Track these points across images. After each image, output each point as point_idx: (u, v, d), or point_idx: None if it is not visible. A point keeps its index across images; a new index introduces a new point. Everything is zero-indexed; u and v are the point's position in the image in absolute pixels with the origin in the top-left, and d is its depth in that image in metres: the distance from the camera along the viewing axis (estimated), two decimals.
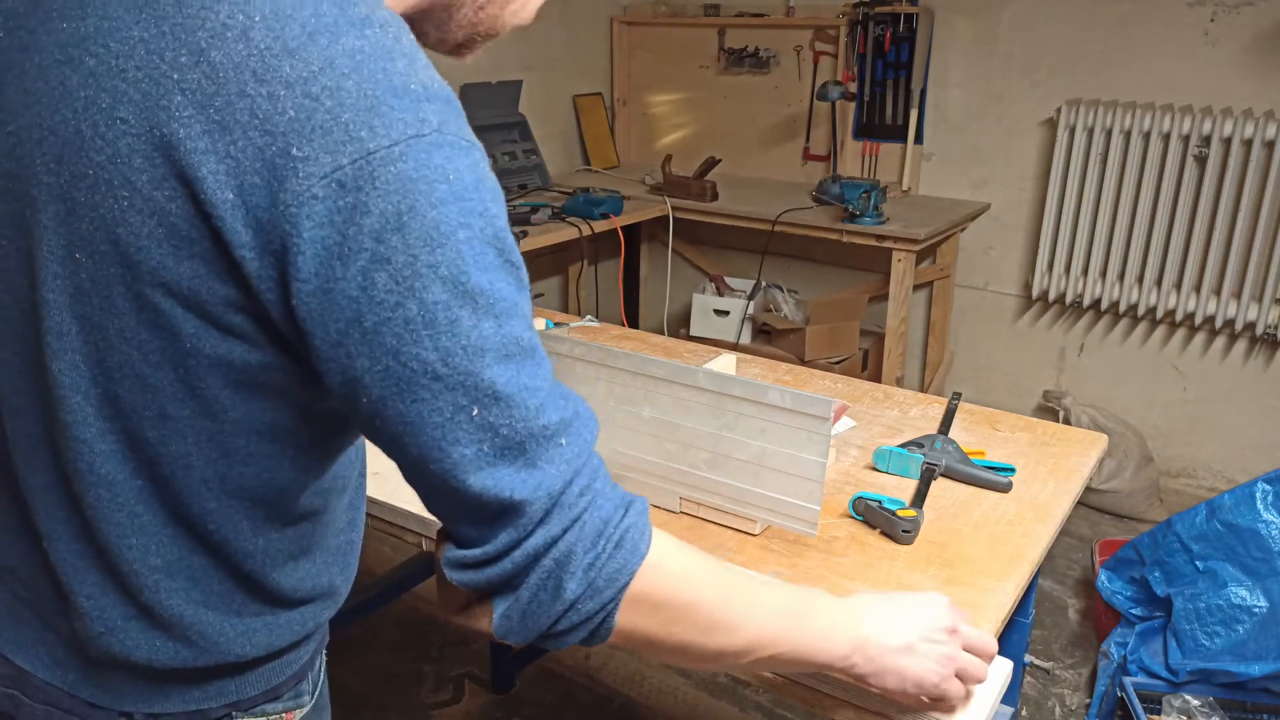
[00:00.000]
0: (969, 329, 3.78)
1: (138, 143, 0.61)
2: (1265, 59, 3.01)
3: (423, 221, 0.60)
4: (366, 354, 0.61)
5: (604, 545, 0.69)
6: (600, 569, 0.69)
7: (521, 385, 0.65)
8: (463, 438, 0.64)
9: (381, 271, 0.60)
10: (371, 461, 1.38)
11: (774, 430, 1.15)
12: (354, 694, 2.35)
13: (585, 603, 0.69)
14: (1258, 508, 2.15)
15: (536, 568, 0.68)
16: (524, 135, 3.79)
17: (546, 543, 0.67)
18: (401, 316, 0.60)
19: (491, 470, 0.65)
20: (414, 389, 0.62)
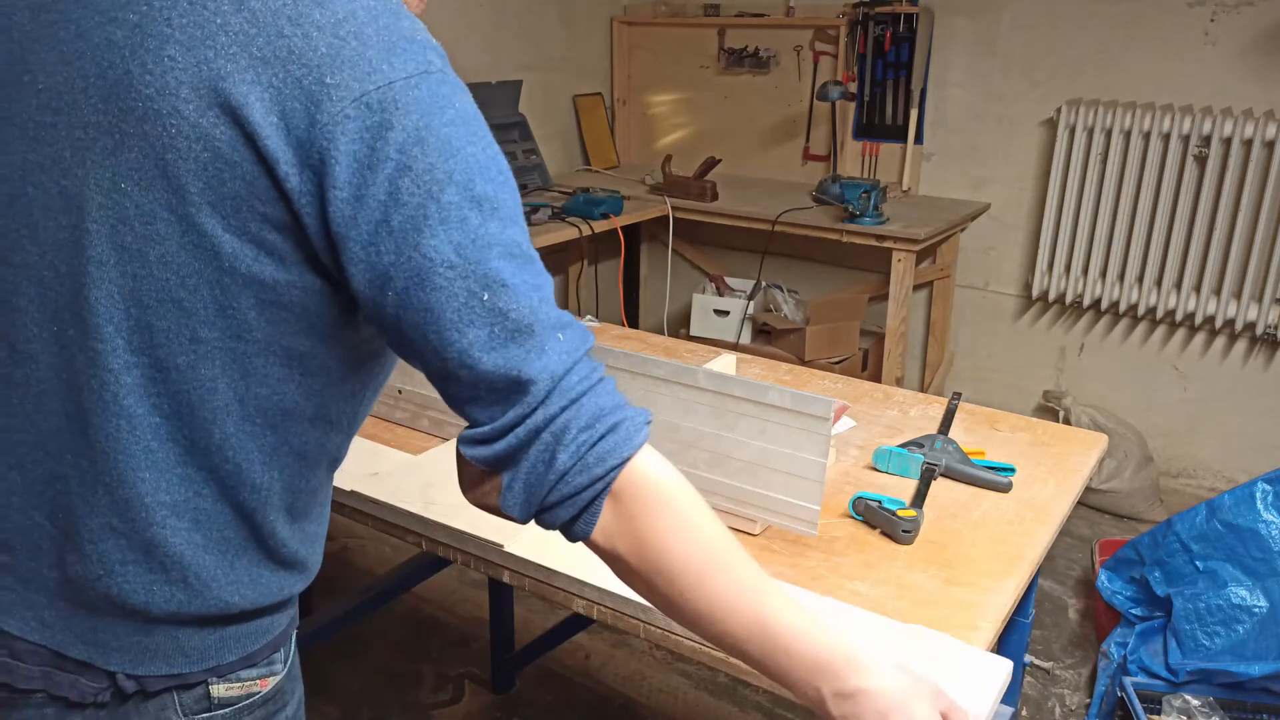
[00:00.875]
0: (969, 329, 3.78)
1: (185, 75, 0.70)
2: (1265, 59, 3.01)
3: (438, 137, 0.71)
4: (393, 249, 0.70)
5: (599, 428, 0.74)
6: (592, 446, 0.74)
7: (524, 280, 0.73)
8: (476, 320, 0.72)
9: (405, 178, 0.69)
10: (372, 462, 1.38)
11: (774, 430, 1.15)
12: (354, 694, 2.35)
13: (575, 476, 0.74)
14: (1258, 508, 2.15)
15: (536, 441, 0.74)
16: (524, 135, 3.79)
17: (546, 419, 0.73)
18: (422, 214, 0.70)
19: (502, 351, 0.72)
20: (433, 277, 0.71)
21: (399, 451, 1.43)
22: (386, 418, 1.54)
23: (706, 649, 1.04)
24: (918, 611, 1.06)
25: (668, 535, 0.76)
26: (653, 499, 0.76)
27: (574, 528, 0.77)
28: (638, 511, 0.76)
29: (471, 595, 2.74)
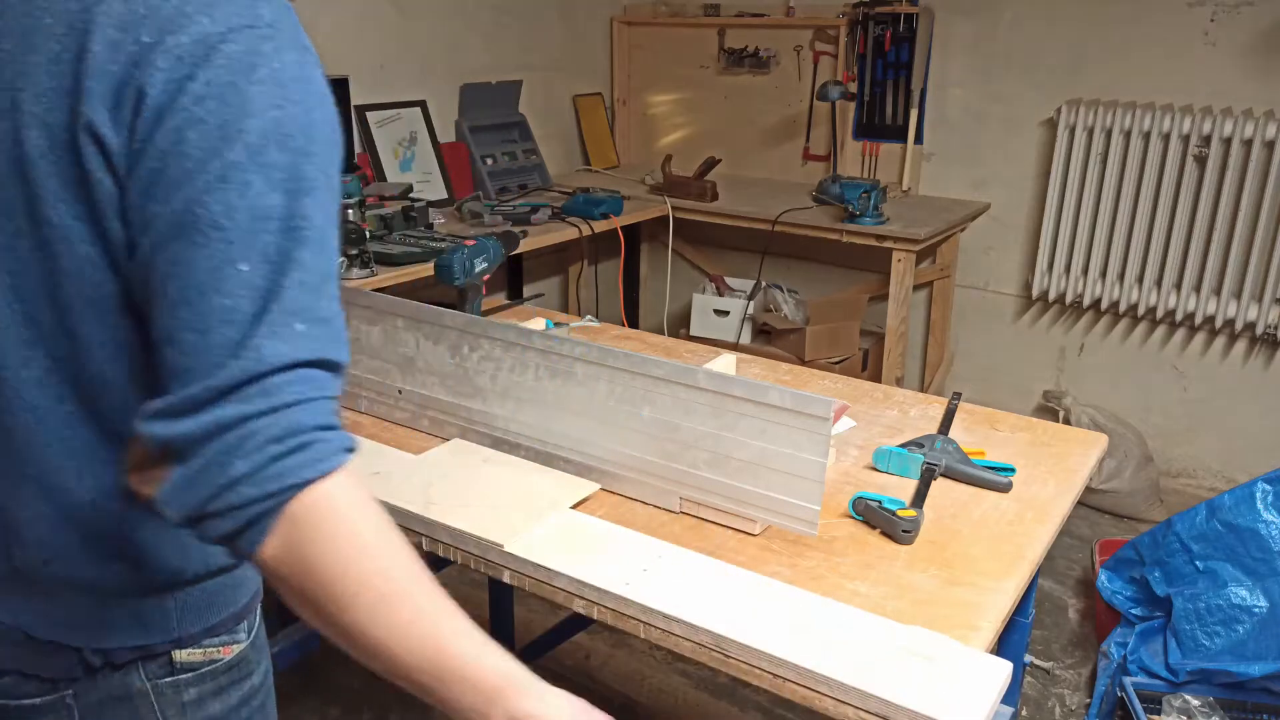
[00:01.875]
0: (969, 329, 3.78)
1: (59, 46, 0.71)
2: (1265, 59, 3.01)
3: (240, 95, 0.69)
4: (162, 199, 0.69)
5: (289, 443, 0.68)
6: (274, 461, 0.67)
7: (293, 259, 0.69)
8: (222, 288, 0.68)
9: (193, 130, 0.68)
10: (372, 462, 1.38)
11: (774, 430, 1.15)
12: (354, 694, 2.35)
13: (246, 487, 0.67)
14: (1258, 508, 2.15)
15: (218, 439, 0.67)
16: (524, 135, 3.79)
17: (237, 417, 0.67)
18: (200, 169, 0.68)
19: (236, 327, 0.68)
20: (193, 234, 0.68)
21: (399, 451, 1.43)
22: (386, 418, 1.54)
23: (706, 649, 1.04)
24: (918, 611, 1.06)
25: (344, 564, 0.70)
26: (329, 526, 0.69)
27: (238, 542, 0.70)
28: (311, 538, 0.69)
29: (471, 595, 2.74)
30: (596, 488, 1.32)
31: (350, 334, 1.52)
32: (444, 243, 2.63)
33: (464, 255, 1.70)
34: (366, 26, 3.29)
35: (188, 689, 0.90)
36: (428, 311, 1.44)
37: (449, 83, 3.60)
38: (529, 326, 1.36)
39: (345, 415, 1.56)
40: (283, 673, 1.99)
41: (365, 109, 3.30)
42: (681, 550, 1.18)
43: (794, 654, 0.98)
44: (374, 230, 2.68)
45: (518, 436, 1.39)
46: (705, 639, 1.03)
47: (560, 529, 1.22)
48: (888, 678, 0.95)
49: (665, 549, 1.18)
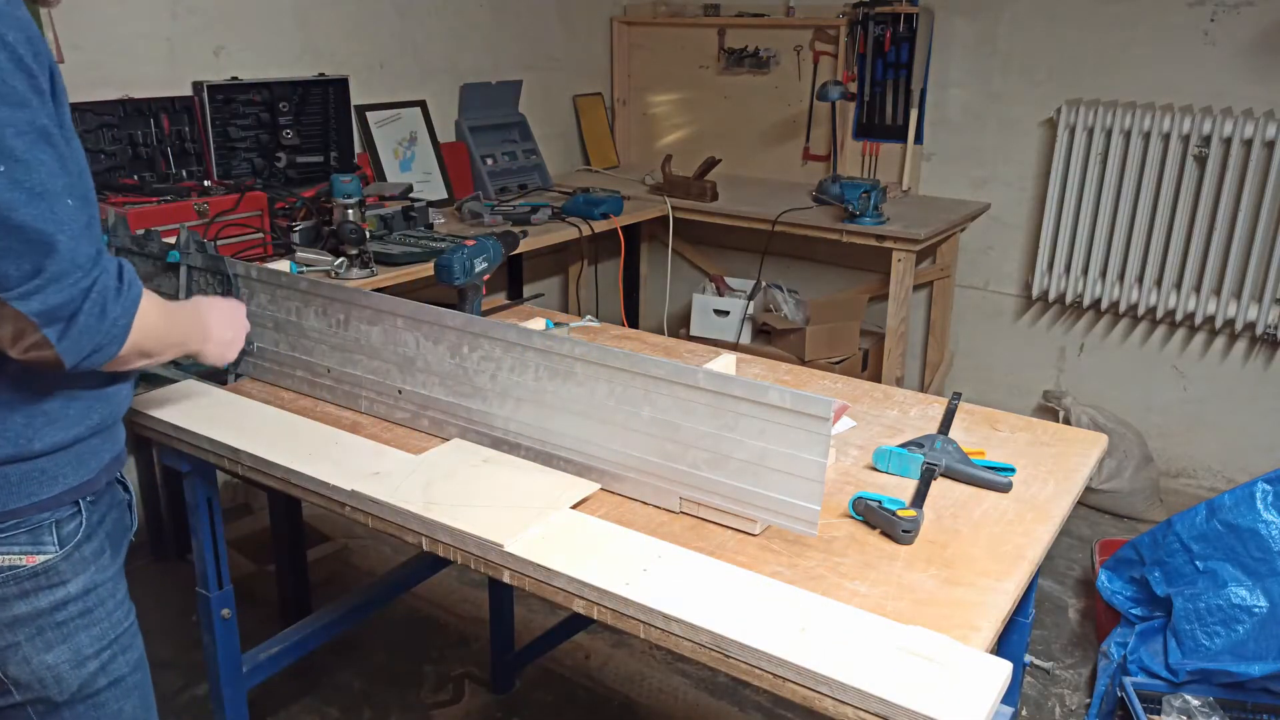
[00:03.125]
0: (969, 329, 3.78)
1: None
2: (1265, 59, 3.01)
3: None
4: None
5: (124, 282, 1.04)
6: (125, 295, 1.03)
7: (36, 156, 0.94)
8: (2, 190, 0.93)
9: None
10: (372, 462, 1.38)
11: (774, 430, 1.15)
12: (354, 694, 2.35)
13: (121, 319, 1.03)
14: (1258, 508, 2.15)
15: (88, 299, 0.99)
16: (524, 135, 3.79)
17: (91, 281, 0.99)
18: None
19: (29, 209, 0.94)
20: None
21: (399, 451, 1.43)
22: (386, 418, 1.54)
23: (706, 649, 1.04)
24: (918, 611, 1.06)
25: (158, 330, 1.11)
26: (153, 313, 1.09)
27: (112, 356, 1.04)
28: (149, 327, 1.08)
29: (471, 595, 2.74)
30: (596, 488, 1.32)
31: (350, 334, 1.52)
32: (444, 243, 2.63)
33: (464, 255, 1.70)
34: (366, 26, 3.29)
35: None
36: (428, 311, 1.44)
37: (449, 83, 3.60)
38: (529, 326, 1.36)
39: (345, 415, 1.56)
40: (283, 673, 1.99)
41: (365, 109, 3.30)
42: (681, 550, 1.17)
43: (794, 654, 0.98)
44: (374, 230, 2.68)
45: (518, 436, 1.39)
46: (705, 639, 1.03)
47: (560, 529, 1.22)
48: (888, 678, 0.95)
49: (665, 549, 1.18)
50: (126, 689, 1.19)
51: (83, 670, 1.13)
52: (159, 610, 2.59)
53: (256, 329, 1.65)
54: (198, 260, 1.66)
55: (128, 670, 1.19)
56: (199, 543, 1.67)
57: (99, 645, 1.14)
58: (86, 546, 1.12)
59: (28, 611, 1.07)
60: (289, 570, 2.50)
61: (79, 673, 1.13)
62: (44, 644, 1.09)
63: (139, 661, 1.22)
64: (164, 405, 1.55)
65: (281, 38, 3.05)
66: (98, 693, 1.15)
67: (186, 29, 2.82)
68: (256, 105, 2.95)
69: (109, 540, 1.17)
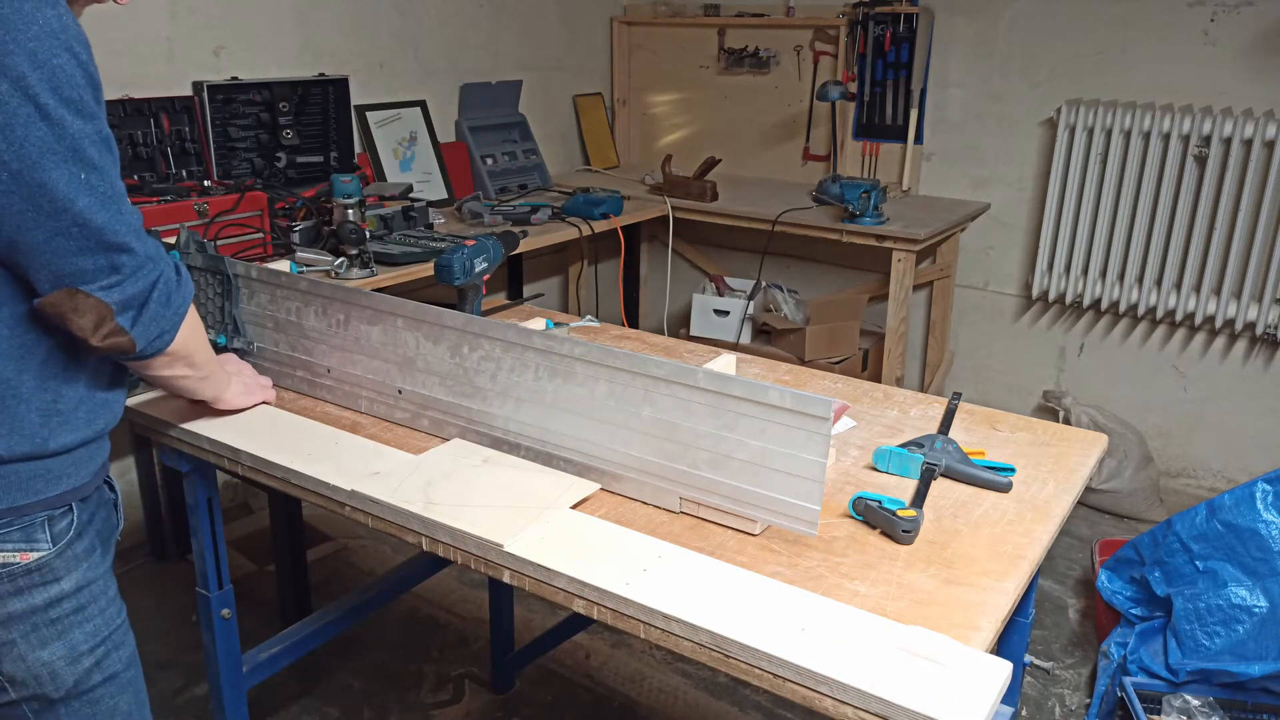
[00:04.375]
0: (969, 329, 3.78)
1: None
2: (1265, 59, 3.01)
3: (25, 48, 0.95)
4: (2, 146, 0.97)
5: (181, 275, 1.16)
6: (183, 288, 1.16)
7: (105, 163, 1.03)
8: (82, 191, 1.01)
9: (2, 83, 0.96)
10: (372, 462, 1.38)
11: (774, 430, 1.15)
12: (354, 694, 2.35)
13: (181, 308, 1.15)
14: (1258, 508, 2.15)
15: (155, 289, 1.10)
16: (524, 135, 3.79)
17: (157, 274, 1.11)
18: (21, 114, 0.96)
19: (103, 213, 1.03)
20: (42, 159, 0.98)
21: (399, 451, 1.43)
22: (386, 418, 1.54)
23: (706, 649, 1.04)
24: (917, 612, 1.06)
25: (200, 334, 1.26)
26: (195, 316, 1.22)
27: (166, 347, 1.15)
28: (193, 327, 1.22)
29: (471, 595, 2.74)
30: (596, 488, 1.32)
31: (350, 334, 1.52)
32: (444, 243, 2.63)
33: (464, 255, 1.70)
34: (366, 26, 3.29)
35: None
36: (428, 311, 1.44)
37: (449, 83, 3.60)
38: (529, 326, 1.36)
39: (345, 415, 1.56)
40: (283, 673, 1.99)
41: (365, 109, 3.30)
42: (681, 550, 1.18)
43: (794, 654, 0.98)
44: (374, 230, 2.68)
45: (518, 436, 1.39)
46: (705, 639, 1.03)
47: (560, 529, 1.22)
48: (888, 678, 0.95)
49: (665, 549, 1.18)
50: (121, 685, 1.20)
51: (78, 666, 1.14)
52: (159, 610, 2.59)
53: (256, 329, 1.65)
54: (198, 260, 1.66)
55: (121, 667, 1.20)
56: (199, 543, 1.67)
57: (93, 642, 1.16)
58: (78, 544, 1.14)
59: (23, 609, 1.09)
60: (289, 570, 2.50)
61: (74, 669, 1.14)
62: (39, 640, 1.11)
63: (131, 658, 1.23)
64: (164, 405, 1.55)
65: (281, 38, 3.05)
66: (93, 689, 1.17)
67: (186, 29, 2.82)
68: (256, 105, 2.95)
69: (98, 538, 1.19)
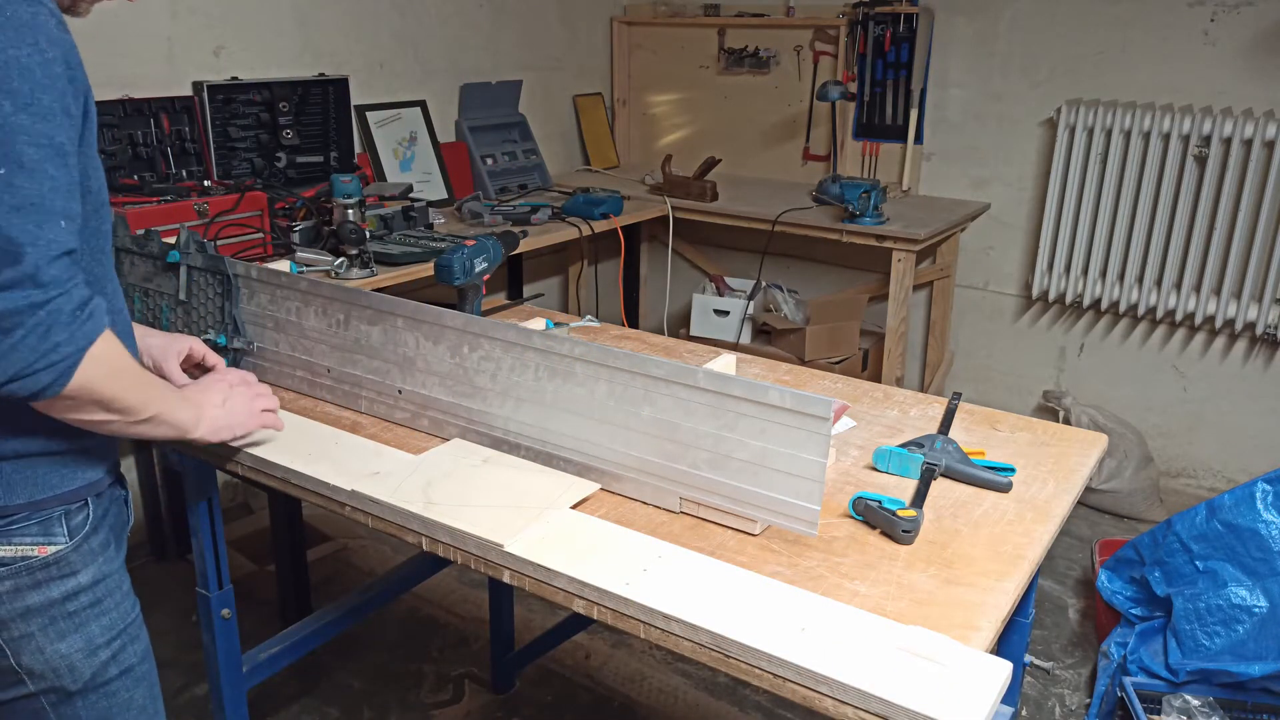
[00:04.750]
0: (969, 329, 3.78)
1: None
2: (1265, 59, 3.01)
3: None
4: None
5: (84, 313, 0.98)
6: (82, 325, 0.98)
7: (42, 169, 0.95)
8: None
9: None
10: (372, 462, 1.38)
11: (774, 430, 1.15)
12: (354, 694, 2.35)
13: (66, 346, 0.97)
14: (1258, 508, 2.15)
15: (32, 317, 0.94)
16: (524, 135, 3.79)
17: (44, 299, 0.95)
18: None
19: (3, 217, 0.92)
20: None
21: (399, 451, 1.43)
22: (386, 418, 1.54)
23: (706, 649, 1.04)
24: (917, 612, 1.06)
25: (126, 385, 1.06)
26: (115, 362, 1.04)
27: (49, 387, 0.97)
28: (106, 372, 1.02)
29: (471, 595, 2.74)
30: (596, 488, 1.32)
31: (350, 334, 1.52)
32: (444, 243, 2.63)
33: (464, 255, 1.70)
34: (366, 26, 3.29)
35: (2, 581, 1.07)
36: (428, 311, 1.44)
37: (449, 83, 3.60)
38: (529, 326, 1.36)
39: (345, 415, 1.56)
40: (283, 673, 1.99)
41: (365, 109, 3.30)
42: (681, 550, 1.18)
43: (794, 654, 0.98)
44: (374, 230, 2.68)
45: (518, 436, 1.39)
46: (705, 639, 1.03)
47: (560, 529, 1.22)
48: (888, 678, 0.95)
49: (665, 549, 1.18)
50: (136, 678, 1.21)
51: (95, 659, 1.15)
52: (159, 610, 2.59)
53: (256, 329, 1.65)
54: (198, 260, 1.66)
55: (136, 660, 1.21)
56: (199, 543, 1.67)
57: (110, 635, 1.17)
58: (94, 538, 1.14)
59: (40, 602, 1.10)
60: (289, 570, 2.50)
61: (91, 662, 1.15)
62: (57, 634, 1.12)
63: (146, 652, 1.24)
64: None
65: (281, 38, 3.05)
66: (109, 682, 1.17)
67: (186, 29, 2.82)
68: (256, 105, 2.95)
69: (112, 533, 1.20)
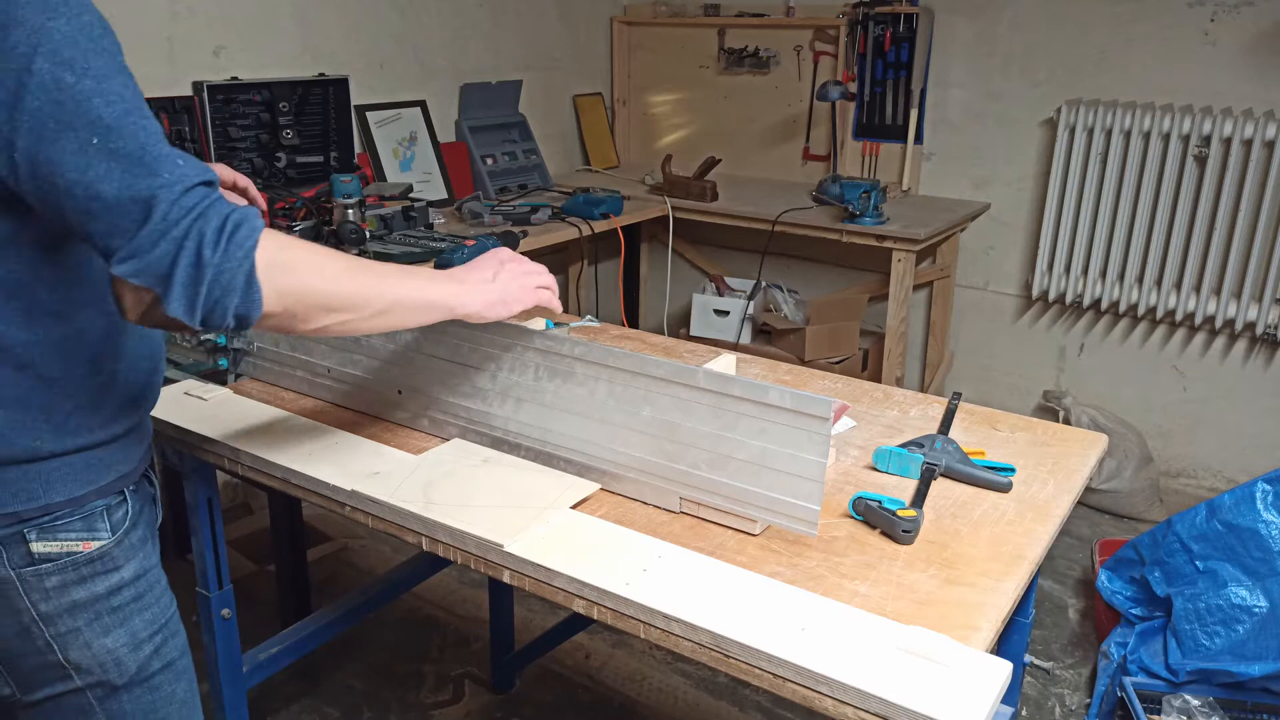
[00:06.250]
0: (969, 329, 3.78)
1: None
2: (1265, 59, 3.01)
3: (14, 18, 0.87)
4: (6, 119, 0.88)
5: (228, 226, 0.92)
6: (230, 239, 0.92)
7: (128, 121, 0.90)
8: (94, 162, 0.88)
9: None
10: (372, 462, 1.38)
11: (774, 430, 1.15)
12: (354, 694, 2.35)
13: (225, 263, 0.91)
14: (1258, 508, 2.15)
15: (182, 250, 0.90)
16: (524, 135, 3.79)
17: (184, 232, 0.90)
18: (20, 85, 0.87)
19: (120, 180, 0.89)
20: (46, 133, 0.88)
21: (399, 451, 1.43)
22: (386, 418, 1.54)
23: (706, 649, 1.04)
24: (917, 612, 1.06)
25: (321, 275, 1.01)
26: (292, 254, 0.99)
27: (246, 311, 0.94)
28: (289, 269, 0.97)
29: (471, 595, 2.74)
30: (596, 488, 1.32)
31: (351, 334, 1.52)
32: (444, 243, 2.63)
33: (464, 255, 1.70)
34: (366, 26, 3.29)
35: (49, 577, 1.07)
36: None
37: (449, 83, 3.60)
38: (529, 326, 1.36)
39: (345, 415, 1.56)
40: (283, 673, 1.99)
41: (365, 109, 3.30)
42: (681, 550, 1.18)
43: (794, 654, 0.98)
44: (374, 230, 2.68)
45: (518, 436, 1.39)
46: (705, 639, 1.03)
47: (560, 529, 1.22)
48: (888, 678, 0.95)
49: (665, 549, 1.18)
50: (177, 672, 1.23)
51: (140, 653, 1.16)
52: None
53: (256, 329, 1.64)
54: None
55: (177, 654, 1.23)
56: (199, 543, 1.67)
57: (153, 629, 1.18)
58: (134, 533, 1.15)
59: (86, 597, 1.10)
60: (289, 570, 2.50)
61: (136, 655, 1.16)
62: (102, 628, 1.13)
63: (184, 647, 1.25)
64: (164, 405, 1.55)
65: (281, 38, 3.06)
66: (152, 675, 1.18)
67: (186, 29, 2.82)
68: (256, 105, 2.95)
69: (148, 529, 1.21)
